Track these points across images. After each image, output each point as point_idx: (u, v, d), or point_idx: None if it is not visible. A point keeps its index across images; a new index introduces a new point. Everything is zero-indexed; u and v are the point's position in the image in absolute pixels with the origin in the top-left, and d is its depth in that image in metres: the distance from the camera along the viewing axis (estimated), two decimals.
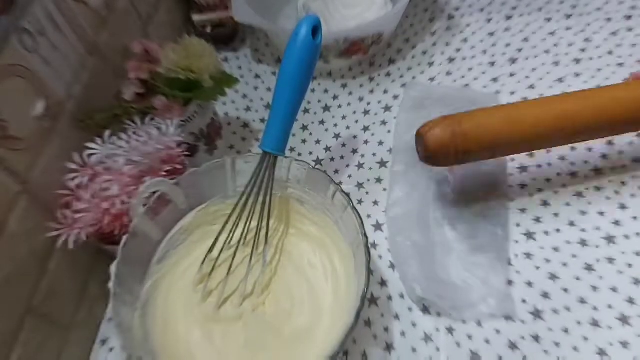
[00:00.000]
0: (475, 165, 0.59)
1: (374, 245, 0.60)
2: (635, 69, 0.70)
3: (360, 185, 0.65)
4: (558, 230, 0.58)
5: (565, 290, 0.54)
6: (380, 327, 0.55)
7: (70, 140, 0.53)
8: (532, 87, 0.70)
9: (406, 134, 0.66)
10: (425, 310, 0.55)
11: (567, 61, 0.72)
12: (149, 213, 0.51)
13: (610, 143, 0.64)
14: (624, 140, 0.64)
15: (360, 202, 0.64)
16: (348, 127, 0.71)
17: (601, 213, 0.59)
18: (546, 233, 0.58)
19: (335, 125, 0.71)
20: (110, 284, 0.47)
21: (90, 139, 0.53)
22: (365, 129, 0.70)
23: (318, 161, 0.68)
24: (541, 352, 0.51)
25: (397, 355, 0.53)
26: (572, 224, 0.58)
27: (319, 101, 0.74)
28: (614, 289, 0.54)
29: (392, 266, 0.59)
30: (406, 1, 0.68)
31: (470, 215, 0.59)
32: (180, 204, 0.55)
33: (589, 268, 0.55)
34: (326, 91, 0.75)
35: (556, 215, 0.59)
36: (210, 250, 0.54)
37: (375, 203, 0.64)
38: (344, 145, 0.69)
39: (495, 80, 0.72)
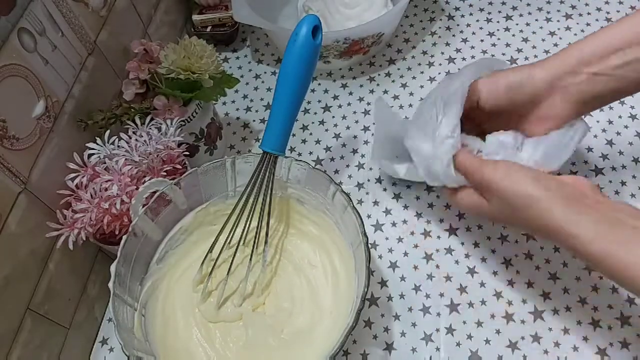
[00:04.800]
0: None
1: (374, 245, 0.60)
2: None
3: (360, 185, 0.65)
4: None
5: (565, 290, 0.54)
6: (380, 327, 0.55)
7: (70, 140, 0.53)
8: None
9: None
10: (426, 310, 0.55)
11: None
12: (148, 213, 0.51)
13: (610, 143, 0.64)
14: (624, 140, 0.64)
15: (360, 202, 0.64)
16: (348, 127, 0.71)
17: None
18: None
19: (335, 125, 0.71)
20: (110, 284, 0.47)
21: (90, 139, 0.53)
22: (365, 129, 0.70)
23: (318, 161, 0.68)
24: (541, 352, 0.51)
25: (397, 355, 0.53)
26: None
27: (319, 101, 0.74)
28: (613, 289, 0.54)
29: (392, 266, 0.59)
30: (406, 1, 0.68)
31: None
32: (180, 204, 0.55)
33: (589, 268, 0.55)
34: (326, 91, 0.75)
35: None
36: (210, 250, 0.54)
37: (376, 203, 0.64)
38: (344, 145, 0.69)
39: None
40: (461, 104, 0.50)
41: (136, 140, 0.53)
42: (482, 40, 0.76)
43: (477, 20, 0.79)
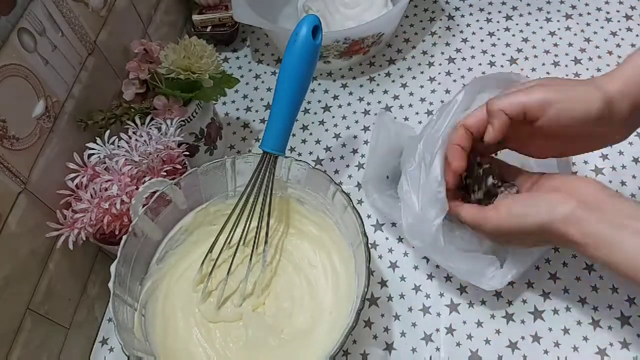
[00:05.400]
0: None
1: (374, 245, 0.60)
2: None
3: (360, 185, 0.65)
4: None
5: (565, 290, 0.54)
6: (380, 327, 0.55)
7: (70, 140, 0.53)
8: None
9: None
10: (426, 310, 0.55)
11: (567, 61, 0.72)
12: (148, 213, 0.51)
13: None
14: (623, 140, 0.64)
15: (360, 202, 0.64)
16: (348, 127, 0.71)
17: None
18: None
19: (335, 125, 0.71)
20: (110, 284, 0.47)
21: (90, 139, 0.53)
22: (365, 129, 0.70)
23: (318, 161, 0.68)
24: (541, 352, 0.51)
25: (397, 355, 0.53)
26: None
27: (319, 101, 0.74)
28: (613, 289, 0.54)
29: (392, 266, 0.59)
30: (406, 1, 0.68)
31: None
32: (180, 204, 0.55)
33: (589, 268, 0.55)
34: (326, 91, 0.75)
35: None
36: (210, 250, 0.54)
37: None
38: (344, 145, 0.69)
39: None
40: (440, 163, 0.49)
41: (136, 140, 0.53)
42: (482, 40, 0.76)
43: (477, 20, 0.79)
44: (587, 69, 0.71)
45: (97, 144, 0.52)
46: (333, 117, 0.72)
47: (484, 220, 0.46)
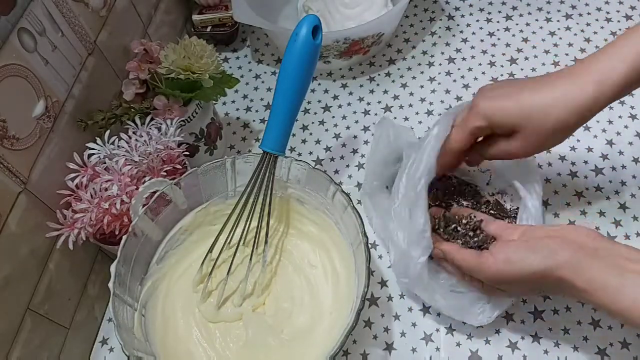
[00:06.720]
0: None
1: (374, 245, 0.60)
2: None
3: (360, 185, 0.65)
4: None
5: None
6: (380, 327, 0.55)
7: (70, 140, 0.53)
8: None
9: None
10: (426, 310, 0.55)
11: (567, 61, 0.72)
12: (148, 213, 0.51)
13: (610, 143, 0.64)
14: (624, 140, 0.64)
15: (360, 202, 0.64)
16: (348, 127, 0.71)
17: (601, 213, 0.59)
18: None
19: (335, 125, 0.71)
20: (110, 284, 0.47)
21: (90, 139, 0.53)
22: (365, 129, 0.70)
23: (318, 161, 0.68)
24: (541, 352, 0.51)
25: (397, 355, 0.53)
26: (572, 224, 0.58)
27: (319, 101, 0.74)
28: None
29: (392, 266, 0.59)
30: (406, 1, 0.68)
31: None
32: (180, 204, 0.55)
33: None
34: (326, 91, 0.75)
35: (556, 215, 0.59)
36: (210, 250, 0.54)
37: None
38: (344, 145, 0.69)
39: (495, 80, 0.72)
40: (425, 203, 0.50)
41: (136, 140, 0.53)
42: (482, 40, 0.76)
43: (477, 20, 0.79)
44: None
45: (97, 144, 0.52)
46: (333, 117, 0.72)
47: (480, 267, 0.46)
